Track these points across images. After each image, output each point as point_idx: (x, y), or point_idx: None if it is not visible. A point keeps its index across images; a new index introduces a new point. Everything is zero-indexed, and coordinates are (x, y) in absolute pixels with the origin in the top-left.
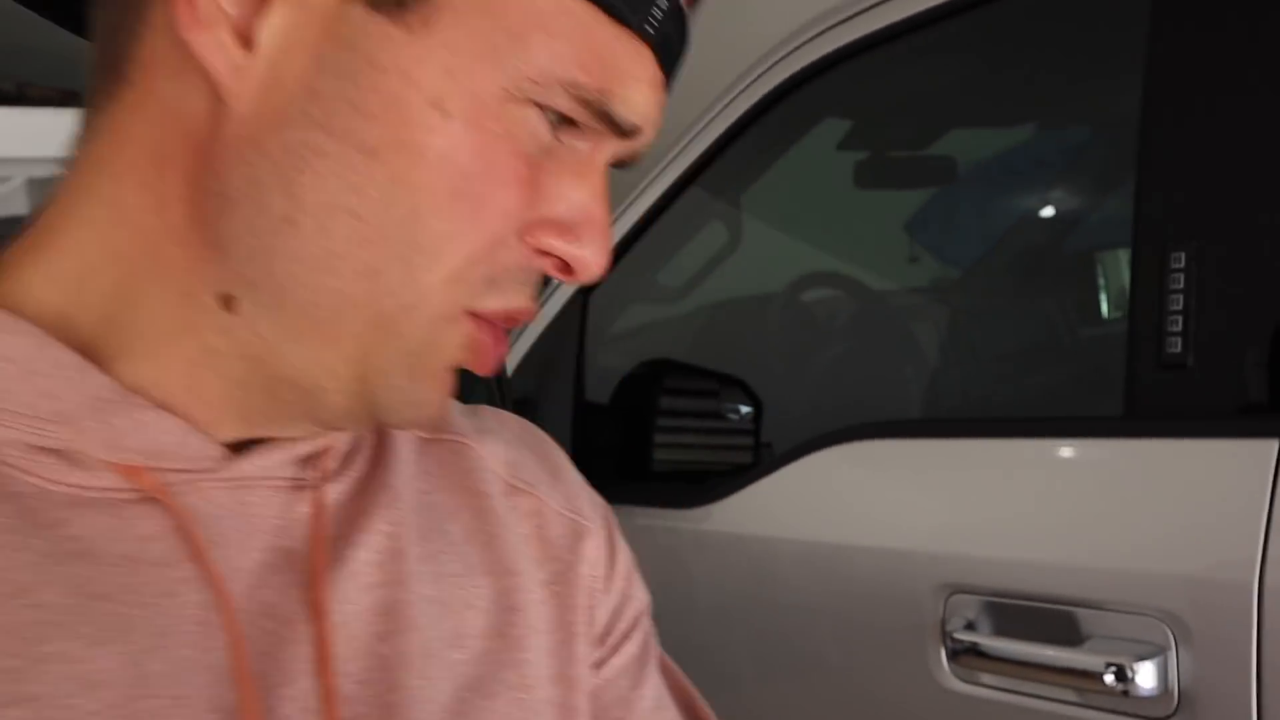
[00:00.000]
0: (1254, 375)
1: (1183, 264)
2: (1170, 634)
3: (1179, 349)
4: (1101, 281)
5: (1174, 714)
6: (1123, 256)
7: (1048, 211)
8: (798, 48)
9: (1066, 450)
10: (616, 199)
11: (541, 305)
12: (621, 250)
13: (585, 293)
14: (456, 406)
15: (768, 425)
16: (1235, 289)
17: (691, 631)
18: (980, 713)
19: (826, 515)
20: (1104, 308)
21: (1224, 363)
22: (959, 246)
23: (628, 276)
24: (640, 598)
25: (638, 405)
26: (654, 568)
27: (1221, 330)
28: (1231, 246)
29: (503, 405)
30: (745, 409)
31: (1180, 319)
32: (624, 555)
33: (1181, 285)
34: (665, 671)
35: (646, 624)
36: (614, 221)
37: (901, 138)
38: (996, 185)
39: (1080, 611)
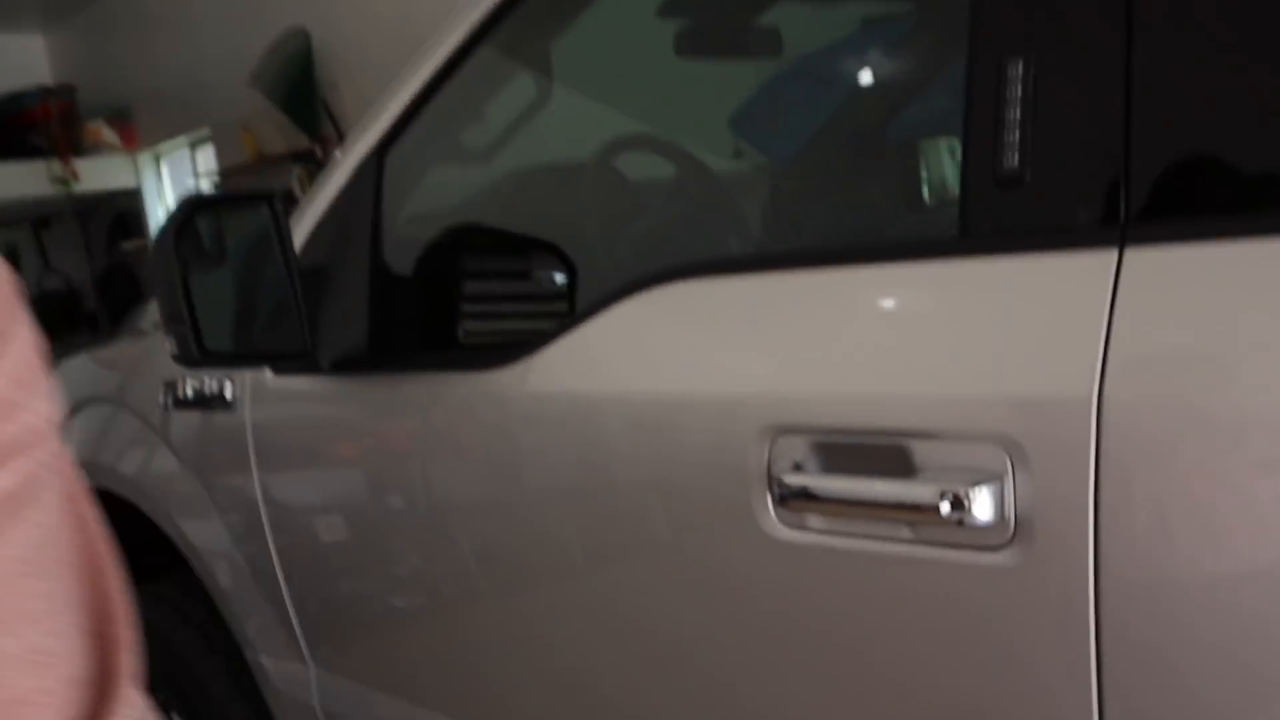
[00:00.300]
0: (1093, 188)
1: (1020, 73)
2: (1007, 459)
3: (1016, 164)
4: (924, 171)
5: (1010, 542)
6: (944, 144)
7: (873, 96)
8: None
9: (897, 275)
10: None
11: (330, 171)
12: (416, 107)
13: (380, 154)
14: None
15: (583, 291)
16: (1074, 100)
17: (518, 515)
18: (810, 560)
19: (645, 364)
20: (925, 193)
21: (1062, 176)
22: (782, 140)
23: (427, 136)
24: (37, 410)
25: (442, 274)
26: (477, 444)
27: (1059, 143)
28: (1070, 55)
29: (290, 277)
30: (558, 275)
31: (1017, 132)
32: (20, 350)
33: (1019, 95)
34: (76, 525)
35: (42, 453)
36: (405, 77)
37: (722, 6)
38: (820, 70)
39: (915, 443)
